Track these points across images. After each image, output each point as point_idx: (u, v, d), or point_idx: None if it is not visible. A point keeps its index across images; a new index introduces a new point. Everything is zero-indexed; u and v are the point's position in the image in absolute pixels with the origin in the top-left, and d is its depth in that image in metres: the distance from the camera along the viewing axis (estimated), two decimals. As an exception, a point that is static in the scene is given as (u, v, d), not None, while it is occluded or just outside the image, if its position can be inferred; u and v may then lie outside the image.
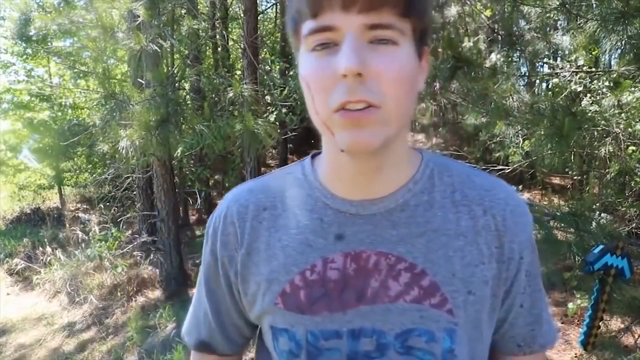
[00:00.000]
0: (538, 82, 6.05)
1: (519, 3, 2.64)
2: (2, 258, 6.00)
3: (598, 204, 4.30)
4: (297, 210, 0.62)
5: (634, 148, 3.70)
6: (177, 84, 4.99)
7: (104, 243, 5.45)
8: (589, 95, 4.37)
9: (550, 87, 5.01)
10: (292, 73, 5.94)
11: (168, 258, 4.83)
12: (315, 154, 0.66)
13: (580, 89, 4.35)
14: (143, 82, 4.06)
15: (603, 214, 3.59)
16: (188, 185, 7.04)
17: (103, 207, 6.88)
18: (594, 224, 2.06)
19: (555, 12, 2.50)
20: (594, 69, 4.37)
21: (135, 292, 4.86)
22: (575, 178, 6.14)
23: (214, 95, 6.30)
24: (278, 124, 5.69)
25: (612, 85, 3.57)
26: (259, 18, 4.59)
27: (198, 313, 0.72)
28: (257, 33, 4.27)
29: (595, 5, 2.13)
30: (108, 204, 6.96)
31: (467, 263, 0.57)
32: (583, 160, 5.44)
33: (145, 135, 3.05)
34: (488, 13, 4.76)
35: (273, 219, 0.62)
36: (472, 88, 2.51)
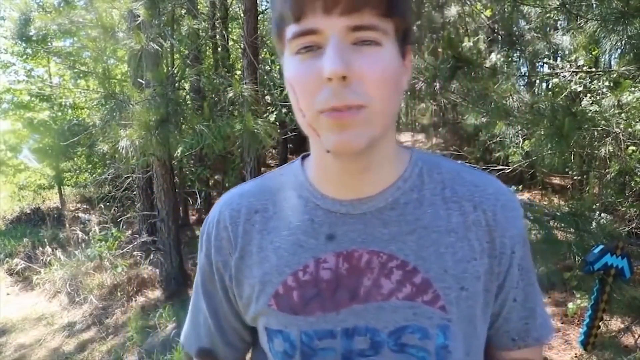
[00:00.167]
0: (538, 82, 6.04)
1: (519, 3, 2.64)
2: (2, 258, 6.01)
3: (598, 204, 4.30)
4: (288, 212, 0.62)
5: (634, 148, 3.70)
6: (177, 84, 4.99)
7: (104, 243, 5.46)
8: (589, 95, 4.37)
9: (550, 87, 5.01)
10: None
11: (168, 258, 4.83)
12: (305, 156, 0.67)
13: (580, 89, 4.34)
14: (143, 82, 4.06)
15: (603, 214, 3.59)
16: (188, 185, 7.04)
17: (103, 207, 6.88)
18: (594, 224, 2.06)
19: (555, 12, 2.50)
20: (594, 69, 4.37)
21: (135, 292, 4.86)
22: (575, 178, 6.14)
23: (214, 95, 6.30)
24: (278, 124, 5.70)
25: (612, 85, 3.57)
26: (259, 18, 4.58)
27: (197, 319, 0.71)
28: (257, 33, 4.27)
29: (595, 5, 2.13)
30: (108, 204, 6.96)
31: (458, 259, 0.57)
32: (583, 160, 5.44)
33: (145, 135, 3.05)
34: (488, 13, 4.76)
35: (265, 222, 0.62)
36: (472, 88, 2.50)
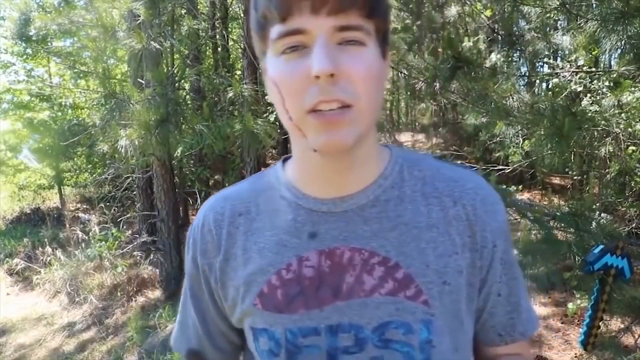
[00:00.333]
0: (538, 82, 6.04)
1: (519, 3, 2.64)
2: (2, 258, 6.01)
3: (598, 204, 4.31)
4: (271, 213, 0.63)
5: (634, 148, 3.71)
6: (177, 84, 4.99)
7: (104, 243, 5.45)
8: (589, 95, 4.37)
9: (550, 87, 5.00)
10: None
11: (168, 258, 4.83)
12: (286, 158, 0.68)
13: (580, 89, 4.34)
14: (143, 82, 4.06)
15: (603, 214, 3.59)
16: (188, 185, 7.04)
17: (103, 207, 6.87)
18: (594, 224, 2.06)
19: (555, 12, 2.50)
20: (594, 69, 4.37)
21: (135, 292, 4.86)
22: (575, 178, 6.13)
23: (214, 95, 6.30)
24: (278, 124, 5.68)
25: (612, 85, 3.57)
26: (259, 18, 4.57)
27: (185, 322, 0.72)
28: (257, 33, 4.26)
29: (595, 5, 2.13)
30: (108, 204, 6.95)
31: (440, 254, 0.58)
32: (583, 160, 5.45)
33: (145, 135, 3.06)
34: (488, 13, 4.77)
35: (249, 224, 0.63)
36: (472, 88, 2.50)
